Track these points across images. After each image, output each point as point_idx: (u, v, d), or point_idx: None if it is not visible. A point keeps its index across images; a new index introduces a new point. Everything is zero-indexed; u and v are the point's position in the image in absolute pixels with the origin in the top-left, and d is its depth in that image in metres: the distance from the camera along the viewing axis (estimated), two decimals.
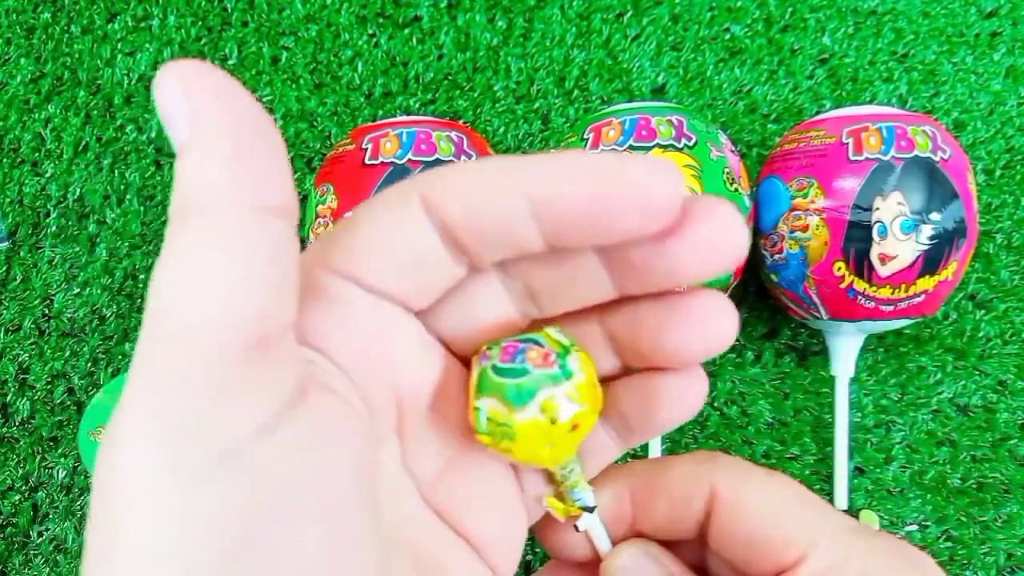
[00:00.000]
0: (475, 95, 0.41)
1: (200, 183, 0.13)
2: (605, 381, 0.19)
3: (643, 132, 0.31)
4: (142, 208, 0.40)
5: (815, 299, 0.33)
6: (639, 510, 0.21)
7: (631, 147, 0.31)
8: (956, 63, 0.41)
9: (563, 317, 0.19)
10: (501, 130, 0.41)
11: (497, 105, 0.41)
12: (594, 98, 0.41)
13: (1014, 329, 0.38)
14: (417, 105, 0.41)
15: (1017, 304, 0.38)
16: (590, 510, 0.20)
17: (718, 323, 0.17)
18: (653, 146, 0.31)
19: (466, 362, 0.19)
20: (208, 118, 0.13)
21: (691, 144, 0.31)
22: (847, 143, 0.31)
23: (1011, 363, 0.38)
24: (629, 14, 0.42)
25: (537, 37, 0.42)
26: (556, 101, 0.41)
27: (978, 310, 0.38)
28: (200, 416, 0.12)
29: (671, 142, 0.31)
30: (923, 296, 0.31)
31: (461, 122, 0.40)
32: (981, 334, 0.38)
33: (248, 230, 0.13)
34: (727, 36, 0.41)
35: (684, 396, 0.19)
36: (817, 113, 0.37)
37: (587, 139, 0.32)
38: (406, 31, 0.42)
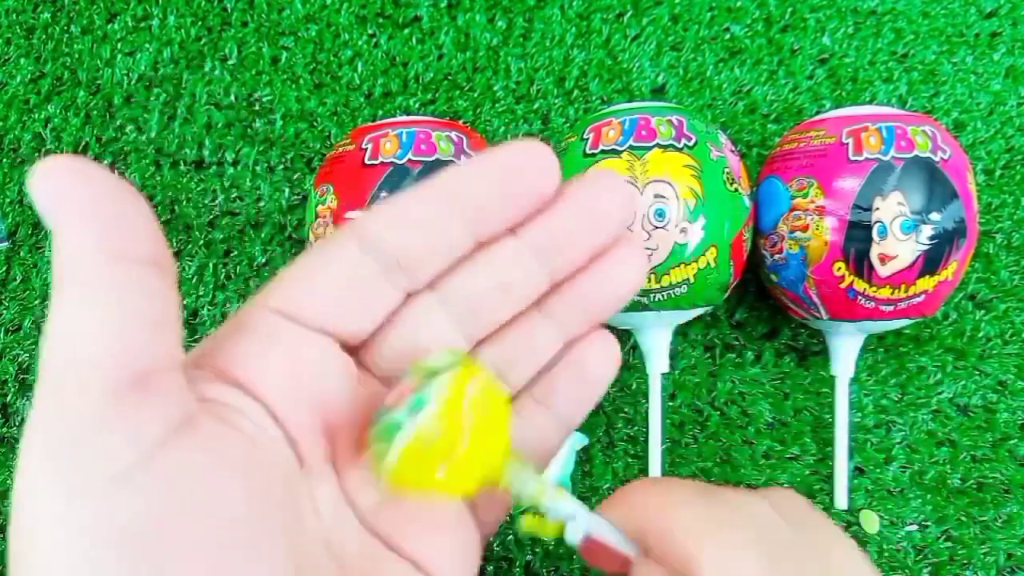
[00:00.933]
0: (475, 95, 0.41)
1: (70, 251, 0.14)
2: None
3: (643, 132, 0.31)
4: None
5: (815, 299, 0.33)
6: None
7: (631, 147, 0.31)
8: (956, 63, 0.41)
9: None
10: (501, 130, 0.41)
11: (497, 105, 0.41)
12: (594, 98, 0.41)
13: (1014, 329, 0.38)
14: (417, 105, 0.41)
15: (1017, 304, 0.38)
16: (572, 518, 0.19)
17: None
18: (653, 146, 0.31)
19: None
20: (69, 198, 0.14)
21: (691, 144, 0.31)
22: (847, 143, 0.31)
23: (1011, 363, 0.38)
24: (629, 14, 0.42)
25: (537, 37, 0.42)
26: (556, 101, 0.41)
27: (978, 310, 0.38)
28: (82, 447, 0.14)
29: (671, 142, 0.31)
30: (923, 296, 0.31)
31: (461, 122, 0.40)
32: (981, 334, 0.38)
33: (113, 282, 0.14)
34: (727, 36, 0.41)
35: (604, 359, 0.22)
36: (817, 113, 0.37)
37: (587, 139, 0.32)
38: (406, 31, 0.42)
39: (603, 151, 0.31)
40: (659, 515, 0.19)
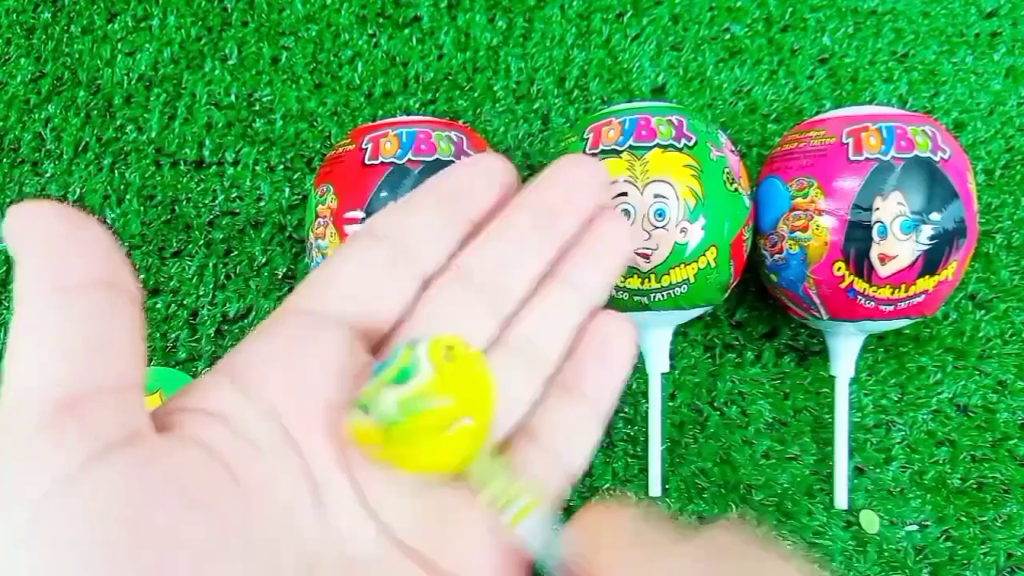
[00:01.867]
0: (475, 95, 0.41)
1: (18, 284, 0.15)
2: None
3: (643, 132, 0.31)
4: (142, 208, 0.40)
5: (815, 299, 0.33)
6: None
7: (631, 147, 0.31)
8: (956, 63, 0.41)
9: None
10: (501, 130, 0.41)
11: (497, 105, 0.41)
12: (594, 98, 0.41)
13: (1014, 329, 0.38)
14: (417, 105, 0.41)
15: (1017, 304, 0.38)
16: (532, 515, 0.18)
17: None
18: (653, 146, 0.31)
19: None
20: (25, 236, 0.15)
21: (691, 144, 0.31)
22: (847, 143, 0.31)
23: (1011, 363, 0.38)
24: (629, 14, 0.42)
25: (537, 37, 0.42)
26: (556, 101, 0.41)
27: (978, 310, 0.38)
28: (7, 471, 0.14)
29: (671, 142, 0.31)
30: (923, 296, 0.31)
31: (461, 122, 0.40)
32: (981, 334, 0.38)
33: (51, 311, 0.15)
34: (727, 36, 0.41)
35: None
36: (817, 113, 0.37)
37: (587, 139, 0.32)
38: (406, 31, 0.42)
39: (603, 151, 0.31)
40: (601, 552, 0.18)
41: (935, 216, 0.30)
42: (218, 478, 0.16)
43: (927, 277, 0.31)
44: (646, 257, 0.31)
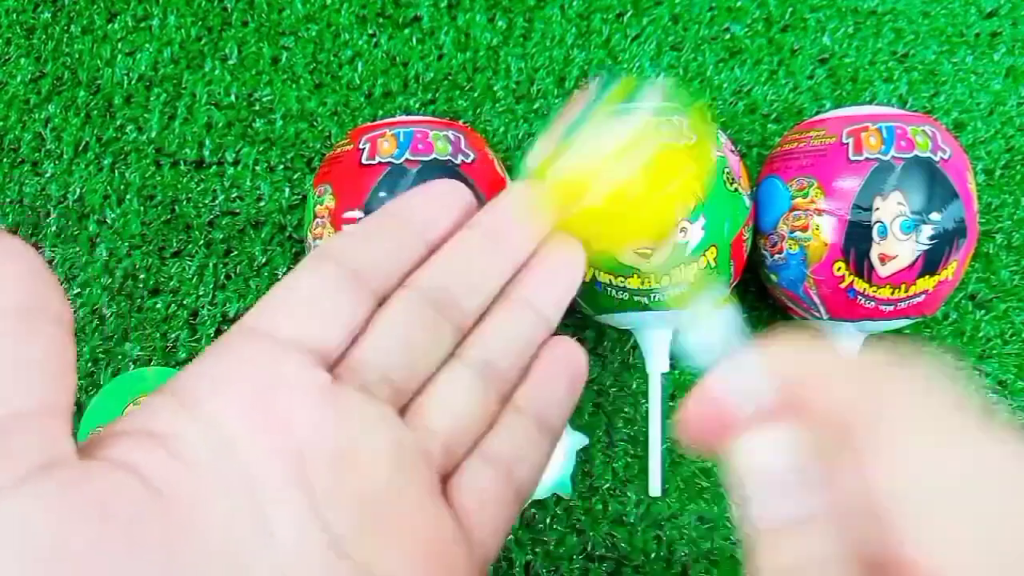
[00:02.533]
0: (475, 95, 0.41)
1: None
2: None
3: None
4: (142, 208, 0.40)
5: (815, 299, 0.33)
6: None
7: None
8: (956, 63, 0.41)
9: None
10: (501, 130, 0.41)
11: (497, 105, 0.41)
12: None
13: (1014, 329, 0.38)
14: (417, 105, 0.41)
15: (1017, 304, 0.38)
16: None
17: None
18: None
19: (402, 411, 0.21)
20: None
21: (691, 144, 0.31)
22: (847, 143, 0.31)
23: (1011, 363, 0.38)
24: (629, 14, 0.42)
25: (537, 37, 0.42)
26: (556, 101, 0.41)
27: (978, 310, 0.38)
28: None
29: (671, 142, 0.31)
30: (923, 296, 0.31)
31: (461, 122, 0.40)
32: (981, 334, 0.38)
33: None
34: (727, 36, 0.41)
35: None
36: (817, 113, 0.37)
37: None
38: (406, 31, 0.42)
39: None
40: (826, 360, 0.16)
41: (935, 216, 0.30)
42: (143, 502, 0.16)
43: (927, 277, 0.31)
44: (646, 257, 0.31)
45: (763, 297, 0.38)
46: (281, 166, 0.40)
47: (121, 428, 0.17)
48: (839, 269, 0.31)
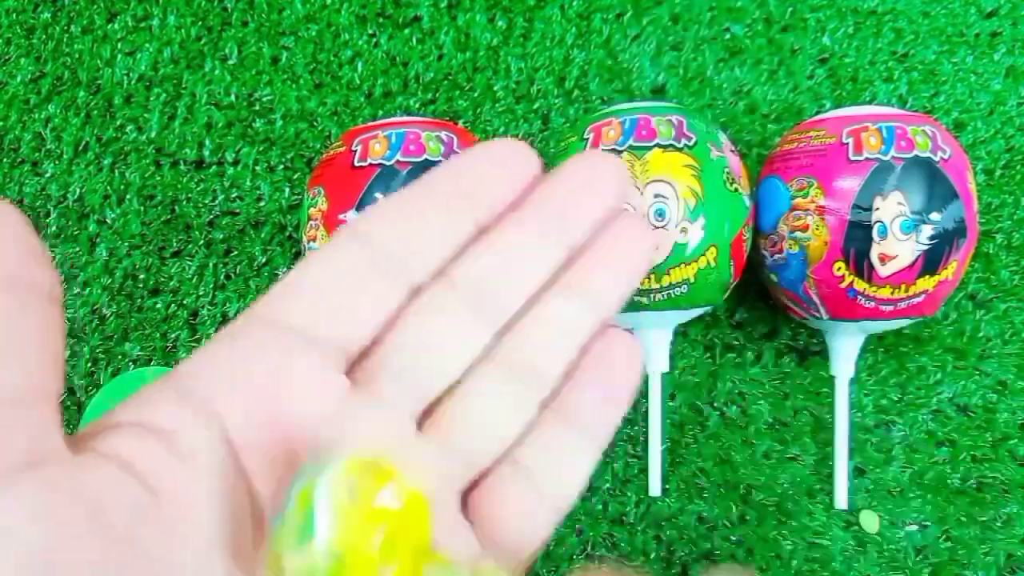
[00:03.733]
0: (475, 95, 0.41)
1: None
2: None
3: (643, 132, 0.31)
4: (142, 208, 0.40)
5: (815, 299, 0.33)
6: None
7: (631, 147, 0.31)
8: (956, 63, 0.41)
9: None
10: (501, 130, 0.41)
11: (497, 105, 0.41)
12: (594, 98, 0.41)
13: (1014, 329, 0.38)
14: (417, 105, 0.41)
15: (1017, 304, 0.38)
16: None
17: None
18: (653, 146, 0.31)
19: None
20: None
21: (691, 144, 0.31)
22: (847, 143, 0.31)
23: (1011, 363, 0.38)
24: (629, 14, 0.42)
25: (537, 37, 0.42)
26: (556, 101, 0.41)
27: (978, 310, 0.38)
28: None
29: (671, 142, 0.31)
30: (923, 296, 0.31)
31: (461, 122, 0.40)
32: (981, 334, 0.38)
33: None
34: (727, 36, 0.41)
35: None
36: (817, 113, 0.37)
37: (587, 139, 0.32)
38: (406, 31, 0.42)
39: (603, 151, 0.31)
40: None
41: (935, 216, 0.30)
42: (135, 499, 0.15)
43: (927, 277, 0.31)
44: None
45: (763, 297, 0.38)
46: (281, 166, 0.40)
47: (117, 419, 0.16)
48: (839, 269, 0.31)
